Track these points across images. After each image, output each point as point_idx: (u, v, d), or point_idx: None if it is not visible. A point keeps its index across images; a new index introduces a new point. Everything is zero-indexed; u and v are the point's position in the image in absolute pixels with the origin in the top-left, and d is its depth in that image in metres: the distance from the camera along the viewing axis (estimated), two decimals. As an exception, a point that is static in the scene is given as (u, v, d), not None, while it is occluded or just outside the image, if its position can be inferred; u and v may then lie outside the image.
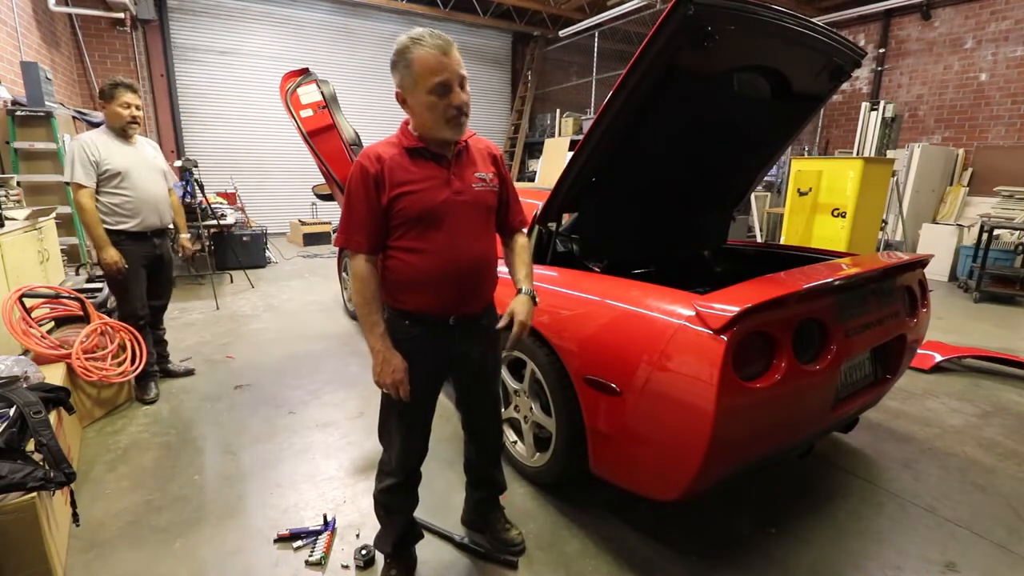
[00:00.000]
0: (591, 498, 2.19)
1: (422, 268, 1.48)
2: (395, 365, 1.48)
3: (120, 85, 2.84)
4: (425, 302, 1.52)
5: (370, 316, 1.47)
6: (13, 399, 1.82)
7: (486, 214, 1.59)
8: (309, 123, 4.28)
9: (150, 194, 2.95)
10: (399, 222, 1.46)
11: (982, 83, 7.66)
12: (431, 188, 1.46)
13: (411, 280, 1.50)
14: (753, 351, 1.59)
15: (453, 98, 1.39)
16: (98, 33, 7.96)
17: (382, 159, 1.44)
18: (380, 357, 1.48)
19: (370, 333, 1.48)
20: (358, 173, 1.44)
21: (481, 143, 1.63)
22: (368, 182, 1.43)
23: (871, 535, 2.01)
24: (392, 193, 1.43)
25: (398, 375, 1.48)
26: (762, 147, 2.66)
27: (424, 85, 1.37)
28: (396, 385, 1.48)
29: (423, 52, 1.35)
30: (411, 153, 1.47)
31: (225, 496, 2.21)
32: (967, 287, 6.06)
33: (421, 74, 1.36)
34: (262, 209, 9.24)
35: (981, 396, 3.28)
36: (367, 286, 1.47)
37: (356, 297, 1.49)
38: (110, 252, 2.81)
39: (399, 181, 1.43)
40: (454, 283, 1.52)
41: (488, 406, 1.81)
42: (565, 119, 10.03)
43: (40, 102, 4.80)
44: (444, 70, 1.36)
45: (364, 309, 1.48)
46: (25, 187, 4.43)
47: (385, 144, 1.49)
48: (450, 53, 1.37)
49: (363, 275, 1.47)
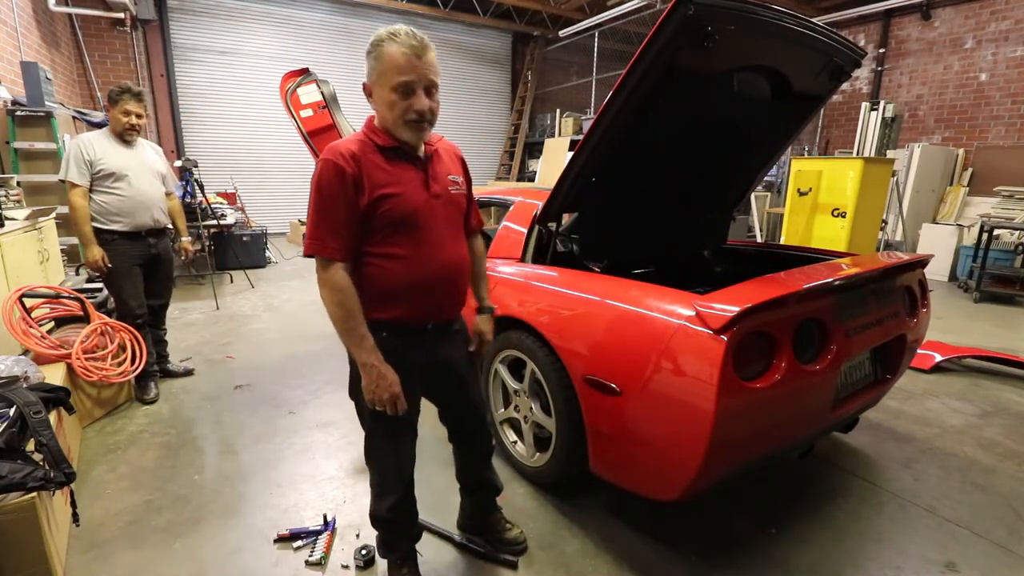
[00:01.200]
0: (591, 498, 2.18)
1: (402, 275, 1.41)
2: (391, 380, 1.39)
3: (127, 92, 2.88)
4: (404, 311, 1.45)
5: (356, 329, 1.37)
6: (13, 399, 1.82)
7: (460, 217, 1.57)
8: (309, 123, 4.28)
9: (145, 196, 2.98)
10: (378, 226, 1.37)
11: (982, 83, 7.66)
12: (410, 191, 1.40)
13: (390, 288, 1.42)
14: (753, 351, 1.59)
15: (415, 101, 1.33)
16: (98, 33, 7.96)
17: (357, 158, 1.35)
18: (374, 372, 1.37)
19: (359, 348, 1.37)
20: (332, 173, 1.33)
21: (447, 145, 1.59)
22: (345, 182, 1.33)
23: (871, 535, 2.01)
24: (373, 195, 1.34)
25: (395, 389, 1.39)
26: (762, 147, 2.66)
27: (388, 81, 1.32)
28: (393, 400, 1.40)
29: (394, 48, 1.30)
30: (386, 152, 1.39)
31: (225, 496, 2.21)
32: (967, 287, 6.06)
33: (388, 70, 1.32)
34: (262, 209, 9.25)
35: (981, 396, 3.28)
36: (348, 296, 1.36)
37: (336, 310, 1.36)
38: (93, 250, 2.84)
39: (379, 182, 1.36)
40: (435, 289, 1.47)
41: (473, 410, 1.76)
42: (565, 119, 10.03)
43: (40, 102, 4.80)
44: (412, 71, 1.31)
45: (349, 323, 1.36)
46: (25, 187, 4.43)
47: (354, 142, 1.39)
48: (423, 56, 1.31)
49: (342, 285, 1.35)
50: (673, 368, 1.59)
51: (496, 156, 12.04)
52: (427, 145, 1.49)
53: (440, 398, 1.73)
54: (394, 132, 1.39)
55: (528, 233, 2.47)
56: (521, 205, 2.62)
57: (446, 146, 1.59)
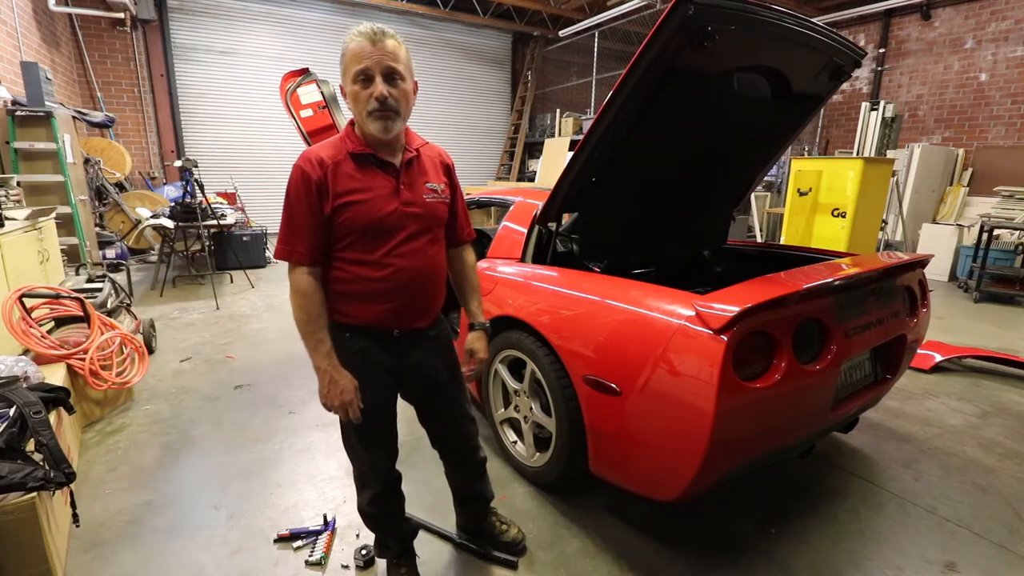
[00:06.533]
0: (591, 498, 2.18)
1: (368, 280, 1.40)
2: (343, 386, 1.39)
3: None
4: (369, 315, 1.44)
5: (314, 334, 1.38)
6: (13, 399, 1.82)
7: (437, 226, 1.52)
8: (309, 123, 4.28)
9: None
10: (343, 233, 1.37)
11: (982, 83, 7.66)
12: (379, 198, 1.38)
13: (357, 292, 1.42)
14: (753, 351, 1.59)
15: (373, 88, 1.30)
16: (98, 33, 7.96)
17: (325, 164, 1.35)
18: (327, 378, 1.38)
19: (315, 352, 1.38)
20: (299, 179, 1.34)
21: (433, 151, 1.56)
22: (310, 189, 1.33)
23: (871, 535, 2.01)
24: (336, 203, 1.34)
25: (347, 396, 1.39)
26: (762, 147, 2.66)
27: (349, 74, 1.32)
28: (345, 407, 1.40)
29: (353, 43, 1.31)
30: (357, 159, 1.38)
31: (225, 496, 2.21)
32: (967, 287, 6.06)
33: (348, 63, 1.32)
34: (262, 209, 9.24)
35: (981, 396, 3.28)
36: (310, 301, 1.37)
37: (297, 313, 1.38)
38: None
39: (344, 190, 1.35)
40: (401, 297, 1.45)
41: (453, 421, 1.71)
42: (565, 119, 10.03)
43: (40, 102, 4.81)
44: (367, 58, 1.29)
45: (308, 327, 1.38)
46: (25, 187, 4.43)
47: (328, 147, 1.39)
48: (379, 43, 1.29)
49: (306, 289, 1.37)
50: (673, 368, 1.59)
51: (496, 156, 12.04)
52: (407, 150, 1.45)
53: (415, 402, 1.70)
54: (364, 128, 1.37)
55: (528, 233, 2.47)
56: (521, 205, 2.62)
57: (431, 152, 1.54)
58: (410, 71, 1.38)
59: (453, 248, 1.66)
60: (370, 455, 1.59)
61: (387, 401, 1.57)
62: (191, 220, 5.51)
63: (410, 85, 1.38)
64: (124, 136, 8.35)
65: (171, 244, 5.84)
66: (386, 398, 1.56)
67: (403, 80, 1.35)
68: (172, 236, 5.70)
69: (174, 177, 8.34)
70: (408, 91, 1.37)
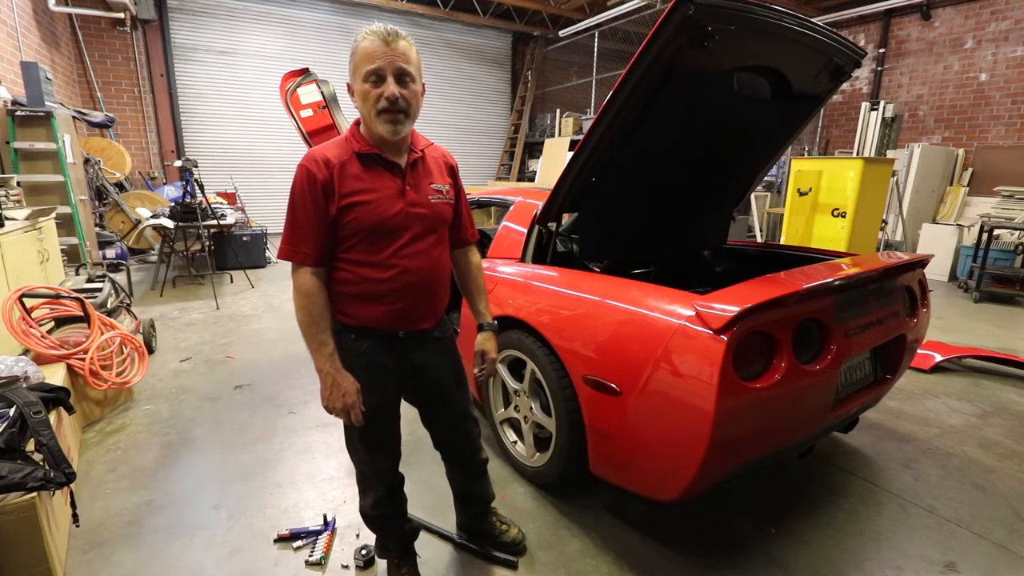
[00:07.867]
0: (591, 498, 2.18)
1: (373, 282, 1.40)
2: (345, 388, 1.38)
3: None
4: (374, 317, 1.43)
5: (317, 336, 1.37)
6: (13, 399, 1.82)
7: (441, 227, 1.52)
8: (309, 123, 4.28)
9: None
10: (348, 233, 1.37)
11: (982, 83, 7.66)
12: (384, 199, 1.37)
13: (361, 294, 1.41)
14: (753, 351, 1.59)
15: (384, 89, 1.30)
16: (98, 33, 7.97)
17: (331, 164, 1.34)
18: (329, 380, 1.37)
19: (317, 354, 1.37)
20: (304, 179, 1.33)
21: (437, 152, 1.55)
22: (316, 189, 1.33)
23: (871, 535, 2.01)
24: (342, 203, 1.34)
25: (349, 399, 1.38)
26: (762, 147, 2.66)
27: (360, 73, 1.32)
28: (347, 410, 1.39)
29: (366, 42, 1.31)
30: (363, 159, 1.38)
31: (225, 496, 2.21)
32: (967, 287, 6.06)
33: (359, 62, 1.32)
34: (262, 209, 9.25)
35: (981, 396, 3.28)
36: (313, 302, 1.36)
37: (300, 314, 1.37)
38: None
39: (349, 190, 1.34)
40: (407, 298, 1.44)
41: (456, 423, 1.71)
42: (565, 119, 10.04)
43: (40, 102, 4.80)
44: (379, 58, 1.29)
45: (311, 328, 1.36)
46: (25, 187, 4.43)
47: (334, 146, 1.39)
48: (392, 43, 1.30)
49: (309, 290, 1.36)
50: (673, 368, 1.59)
51: (496, 156, 12.05)
52: (412, 151, 1.45)
53: (418, 404, 1.70)
54: (372, 128, 1.37)
55: (528, 233, 2.47)
56: (521, 205, 2.62)
57: (435, 153, 1.55)
58: (420, 73, 1.39)
59: (457, 249, 1.66)
60: (373, 458, 1.59)
61: (390, 403, 1.56)
62: (191, 220, 5.51)
63: (419, 87, 1.39)
64: (124, 136, 8.36)
65: (171, 244, 5.84)
66: (389, 400, 1.55)
67: (413, 82, 1.36)
68: (172, 236, 5.70)
69: (174, 177, 8.34)
70: (418, 92, 1.38)
